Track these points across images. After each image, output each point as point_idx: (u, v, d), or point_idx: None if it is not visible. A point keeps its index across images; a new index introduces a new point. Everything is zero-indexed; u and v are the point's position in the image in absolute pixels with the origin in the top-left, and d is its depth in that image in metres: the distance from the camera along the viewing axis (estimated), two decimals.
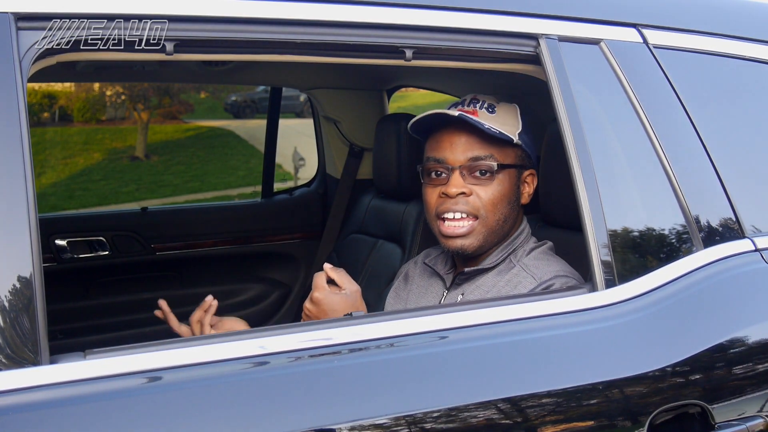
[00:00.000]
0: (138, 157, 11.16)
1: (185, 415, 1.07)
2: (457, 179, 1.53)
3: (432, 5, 1.35)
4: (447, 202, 1.53)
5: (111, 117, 12.35)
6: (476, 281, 1.58)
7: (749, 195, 1.54)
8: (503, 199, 1.55)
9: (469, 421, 1.18)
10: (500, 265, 1.58)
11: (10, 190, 1.03)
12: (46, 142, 10.90)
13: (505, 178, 1.55)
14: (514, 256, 1.58)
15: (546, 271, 1.53)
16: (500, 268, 1.58)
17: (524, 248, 1.60)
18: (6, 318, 1.02)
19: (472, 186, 1.53)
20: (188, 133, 12.29)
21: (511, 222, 1.59)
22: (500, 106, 1.59)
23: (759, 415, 1.37)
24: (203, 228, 3.09)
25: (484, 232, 1.54)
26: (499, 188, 1.54)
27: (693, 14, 1.65)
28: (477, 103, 1.58)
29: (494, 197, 1.53)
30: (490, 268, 1.57)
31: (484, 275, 1.58)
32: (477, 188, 1.53)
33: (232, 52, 1.30)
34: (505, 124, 1.56)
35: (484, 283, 1.57)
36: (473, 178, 1.53)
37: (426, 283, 1.70)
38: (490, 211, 1.53)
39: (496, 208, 1.54)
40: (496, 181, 1.54)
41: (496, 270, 1.58)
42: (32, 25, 1.10)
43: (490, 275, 1.58)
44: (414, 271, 1.77)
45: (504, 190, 1.55)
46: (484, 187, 1.53)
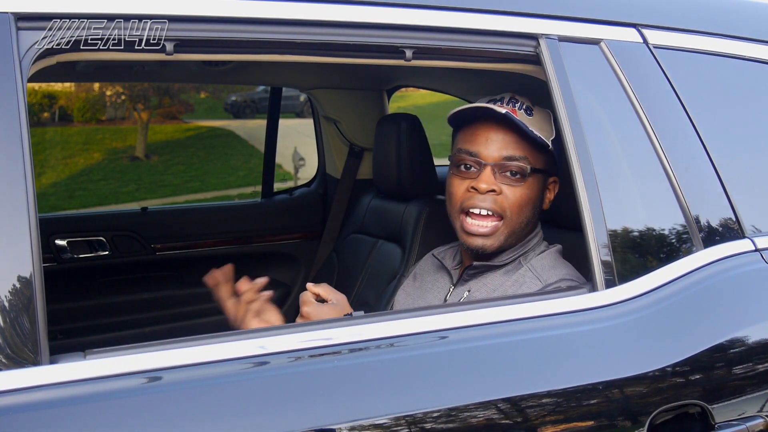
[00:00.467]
0: (138, 157, 11.16)
1: (185, 415, 1.07)
2: (489, 175, 1.51)
3: (432, 5, 1.35)
4: (475, 197, 1.51)
5: (111, 117, 12.35)
6: (483, 278, 1.58)
7: (749, 195, 1.54)
8: (529, 203, 1.54)
9: (469, 421, 1.18)
10: (509, 265, 1.58)
11: (10, 190, 1.03)
12: (46, 142, 10.90)
13: (534, 182, 1.54)
14: (524, 258, 1.58)
15: (552, 275, 1.52)
16: (508, 268, 1.57)
17: (535, 251, 1.59)
18: (6, 318, 1.02)
19: (501, 185, 1.51)
20: (188, 133, 12.29)
21: (532, 226, 1.58)
22: (536, 110, 1.58)
23: (759, 415, 1.37)
24: (203, 228, 3.09)
25: (506, 233, 1.53)
26: (527, 191, 1.53)
27: (693, 14, 1.65)
28: (516, 102, 1.56)
29: (521, 199, 1.52)
30: (499, 266, 1.57)
31: (492, 273, 1.58)
32: (506, 188, 1.51)
33: (232, 52, 1.30)
34: (541, 128, 1.55)
35: (490, 282, 1.56)
36: (504, 178, 1.52)
37: (433, 278, 1.70)
38: (515, 213, 1.52)
39: (521, 211, 1.53)
40: (526, 184, 1.52)
41: (504, 269, 1.57)
42: (32, 25, 1.10)
43: (497, 274, 1.57)
44: (422, 269, 1.77)
45: (531, 194, 1.54)
46: (513, 188, 1.52)
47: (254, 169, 9.76)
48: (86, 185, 9.85)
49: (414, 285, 1.75)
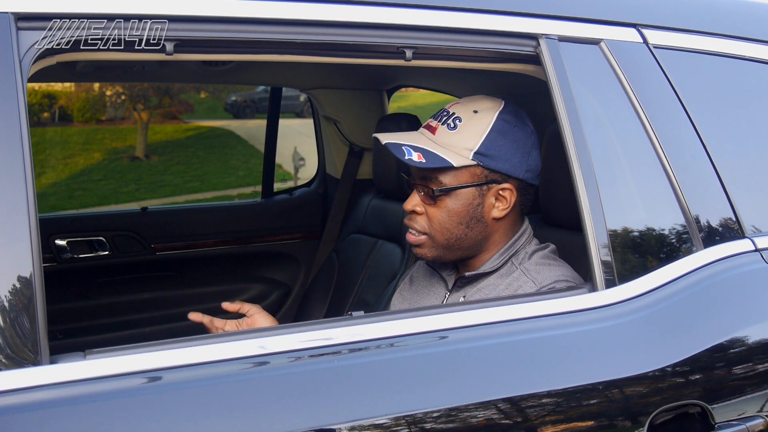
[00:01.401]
0: (138, 157, 11.16)
1: (185, 415, 1.07)
2: (414, 197, 1.54)
3: (432, 5, 1.35)
4: (407, 216, 1.57)
5: (111, 117, 12.35)
6: (477, 285, 1.56)
7: (749, 195, 1.54)
8: (452, 221, 1.50)
9: (469, 421, 1.18)
10: (501, 268, 1.56)
11: (10, 190, 1.03)
12: (46, 142, 10.90)
13: (455, 200, 1.50)
14: (515, 258, 1.56)
15: (547, 276, 1.50)
16: (502, 271, 1.56)
17: (526, 250, 1.57)
18: (6, 318, 1.02)
19: (425, 205, 1.52)
20: (188, 133, 12.29)
21: (472, 240, 1.53)
22: (469, 121, 1.50)
23: (759, 415, 1.37)
24: (203, 228, 3.09)
25: (435, 247, 1.54)
26: (447, 210, 1.50)
27: (693, 14, 1.65)
28: (444, 117, 1.53)
29: (442, 219, 1.50)
30: (492, 271, 1.56)
31: (486, 279, 1.56)
32: (428, 208, 1.52)
33: (232, 52, 1.30)
34: (459, 142, 1.49)
35: (485, 287, 1.55)
36: (426, 198, 1.52)
37: (428, 283, 1.69)
38: (437, 231, 1.52)
39: (444, 229, 1.51)
40: (444, 204, 1.50)
41: (497, 274, 1.56)
42: (32, 25, 1.10)
43: (491, 278, 1.56)
44: (418, 272, 1.76)
45: (453, 212, 1.50)
46: (433, 209, 1.51)
47: (254, 169, 9.77)
48: (86, 185, 9.86)
49: (410, 289, 1.74)
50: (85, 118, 11.82)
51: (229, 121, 13.10)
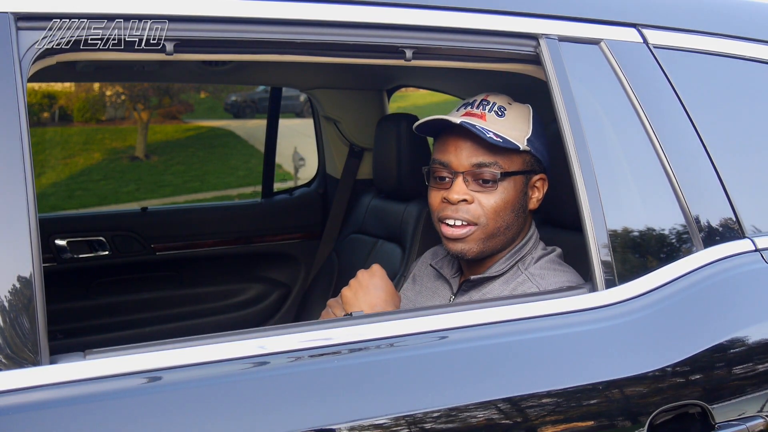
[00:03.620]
0: (138, 157, 11.16)
1: (185, 415, 1.07)
2: (460, 185, 1.49)
3: (432, 5, 1.35)
4: (448, 208, 1.50)
5: (111, 117, 12.35)
6: (483, 289, 1.55)
7: (749, 195, 1.54)
8: (506, 207, 1.50)
9: (469, 421, 1.18)
10: (507, 273, 1.55)
11: (10, 190, 1.03)
12: (46, 142, 10.90)
13: (510, 186, 1.50)
14: (522, 263, 1.55)
15: (551, 282, 1.50)
16: (507, 276, 1.55)
17: (532, 255, 1.56)
18: (6, 318, 1.02)
19: (474, 193, 1.49)
20: (188, 133, 12.29)
21: (516, 229, 1.54)
22: (512, 108, 1.54)
23: (759, 415, 1.37)
24: (203, 228, 3.09)
25: (483, 238, 1.50)
26: (503, 196, 1.50)
27: (693, 14, 1.65)
28: (487, 105, 1.53)
29: (497, 205, 1.49)
30: (497, 276, 1.55)
31: (491, 283, 1.55)
32: (480, 195, 1.49)
33: (232, 52, 1.30)
34: (513, 128, 1.51)
35: (490, 292, 1.54)
36: (476, 185, 1.49)
37: (433, 286, 1.68)
38: (491, 219, 1.49)
39: (498, 216, 1.50)
40: (500, 189, 1.49)
41: (503, 278, 1.55)
42: (32, 25, 1.10)
43: (497, 283, 1.54)
44: (421, 272, 1.74)
45: (508, 198, 1.50)
46: (487, 195, 1.49)
47: (254, 169, 9.77)
48: (86, 185, 9.86)
49: (414, 289, 1.73)
50: (85, 118, 11.82)
51: (229, 121, 13.09)
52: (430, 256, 1.76)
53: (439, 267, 1.66)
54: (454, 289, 1.61)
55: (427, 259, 1.76)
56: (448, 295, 1.62)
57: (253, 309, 3.07)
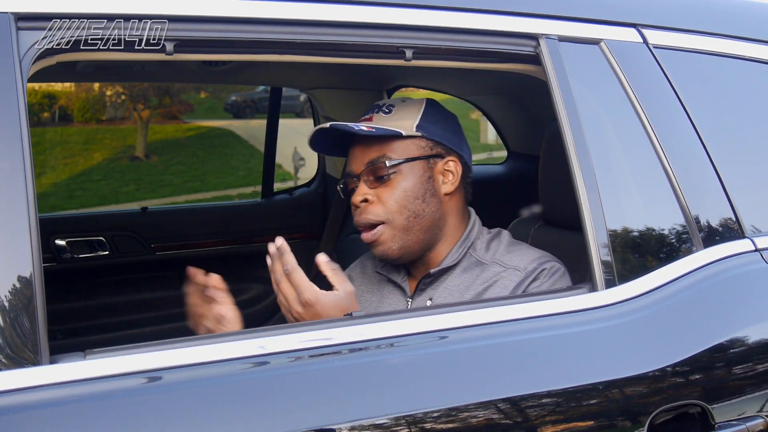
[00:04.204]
0: (138, 157, 11.16)
1: (185, 415, 1.07)
2: (361, 187, 1.51)
3: (432, 5, 1.35)
4: (355, 214, 1.53)
5: (111, 117, 12.35)
6: (442, 283, 1.54)
7: (749, 195, 1.54)
8: (408, 196, 1.50)
9: (469, 421, 1.18)
10: (462, 262, 1.54)
11: (10, 190, 1.03)
12: (46, 142, 10.90)
13: (408, 174, 1.51)
14: (473, 250, 1.55)
15: (526, 260, 1.50)
16: (464, 265, 1.54)
17: (481, 240, 1.57)
18: (6, 318, 1.02)
19: (375, 190, 1.50)
20: (188, 133, 12.29)
21: (432, 217, 1.52)
22: (402, 105, 1.55)
23: (759, 415, 1.37)
24: (203, 228, 3.09)
25: (396, 234, 1.50)
26: (402, 185, 1.50)
27: (693, 14, 1.65)
28: (376, 108, 1.56)
29: (398, 196, 1.49)
30: (453, 266, 1.54)
31: (449, 275, 1.54)
32: (380, 192, 1.50)
33: (232, 52, 1.30)
34: (400, 119, 1.53)
35: (452, 284, 1.53)
36: (375, 183, 1.50)
37: (378, 295, 1.63)
38: (395, 213, 1.49)
39: (403, 208, 1.49)
40: (396, 180, 1.50)
41: (460, 268, 1.54)
42: (32, 25, 1.10)
43: (455, 274, 1.54)
44: (360, 279, 1.69)
45: (408, 186, 1.50)
46: (386, 189, 1.50)
47: (254, 169, 9.76)
48: (86, 185, 9.86)
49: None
50: (85, 118, 11.82)
51: (229, 121, 13.09)
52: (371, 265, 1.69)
53: (387, 272, 1.62)
54: (408, 291, 1.58)
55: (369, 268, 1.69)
56: (402, 298, 1.59)
57: (253, 309, 3.07)
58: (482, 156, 10.85)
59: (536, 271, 1.49)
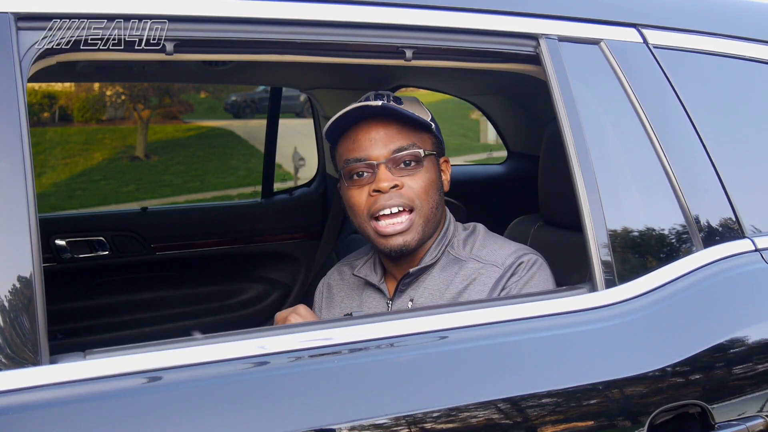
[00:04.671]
0: (138, 157, 11.16)
1: (185, 415, 1.07)
2: (385, 173, 1.47)
3: (432, 5, 1.35)
4: (380, 199, 1.47)
5: (111, 117, 12.35)
6: (422, 282, 1.53)
7: (749, 195, 1.54)
8: (432, 186, 1.51)
9: (469, 421, 1.18)
10: (441, 260, 1.54)
11: (10, 190, 1.03)
12: (46, 142, 10.90)
13: (430, 165, 1.52)
14: (451, 248, 1.55)
15: (503, 255, 1.51)
16: (442, 263, 1.54)
17: (458, 237, 1.57)
18: (6, 318, 1.02)
19: (401, 178, 1.48)
20: (188, 133, 12.29)
21: (442, 210, 1.55)
22: (404, 99, 1.56)
23: (759, 415, 1.37)
24: (203, 228, 3.09)
25: (422, 223, 1.49)
26: (428, 175, 1.50)
27: (693, 14, 1.65)
28: (382, 97, 1.53)
29: (426, 185, 1.49)
30: (432, 264, 1.53)
31: (428, 274, 1.54)
32: (407, 179, 1.48)
33: (232, 52, 1.30)
34: (416, 111, 1.52)
35: (431, 283, 1.52)
36: (400, 170, 1.48)
37: (357, 299, 1.62)
38: (424, 200, 1.49)
39: (428, 196, 1.49)
40: (424, 169, 1.50)
41: (438, 266, 1.54)
42: (32, 25, 1.10)
43: (434, 273, 1.53)
44: (339, 285, 1.68)
45: (432, 177, 1.51)
46: (414, 177, 1.48)
47: (254, 169, 9.76)
48: (86, 185, 9.86)
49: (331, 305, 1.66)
50: (85, 118, 11.82)
51: (229, 121, 13.09)
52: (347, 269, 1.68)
53: (364, 275, 1.60)
54: (387, 293, 1.57)
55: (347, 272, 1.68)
56: (382, 300, 1.57)
57: (253, 309, 3.07)
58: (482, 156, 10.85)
59: (514, 266, 1.49)
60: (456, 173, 1.72)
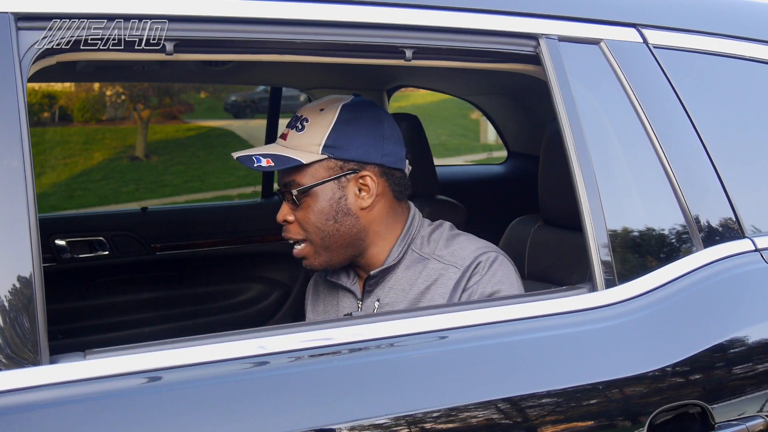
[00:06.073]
0: (138, 157, 11.16)
1: (185, 415, 1.07)
2: (282, 208, 1.54)
3: (432, 5, 1.35)
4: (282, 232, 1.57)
5: (111, 117, 12.35)
6: (387, 282, 1.53)
7: (749, 195, 1.54)
8: (320, 218, 1.49)
9: (469, 421, 1.18)
10: (404, 259, 1.54)
11: (10, 190, 1.03)
12: (46, 142, 10.90)
13: (317, 198, 1.49)
14: (414, 245, 1.54)
15: (463, 256, 1.49)
16: (406, 262, 1.53)
17: (421, 234, 1.55)
18: (6, 318, 1.02)
19: (293, 212, 1.53)
20: (188, 133, 12.28)
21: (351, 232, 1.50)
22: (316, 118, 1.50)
23: (759, 415, 1.38)
24: (203, 228, 3.09)
25: (317, 251, 1.51)
26: (313, 209, 1.49)
27: (693, 14, 1.65)
28: (294, 121, 1.54)
29: (311, 219, 1.50)
30: (395, 264, 1.53)
31: (393, 273, 1.53)
32: (297, 214, 1.52)
33: (232, 52, 1.30)
34: (309, 139, 1.49)
35: (396, 282, 1.52)
36: (291, 205, 1.53)
37: (335, 300, 1.64)
38: (312, 233, 1.50)
39: (317, 229, 1.50)
40: (305, 204, 1.50)
41: (403, 265, 1.53)
42: (32, 25, 1.10)
43: (399, 271, 1.53)
44: (319, 289, 1.71)
45: (319, 209, 1.49)
46: (301, 212, 1.51)
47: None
48: (86, 185, 9.85)
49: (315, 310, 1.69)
50: (85, 118, 11.81)
51: (229, 121, 13.08)
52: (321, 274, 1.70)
53: (336, 278, 1.62)
54: (358, 294, 1.57)
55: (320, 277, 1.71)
56: (354, 302, 1.58)
57: (253, 309, 3.07)
58: (482, 156, 10.85)
59: (472, 266, 1.47)
60: (456, 173, 1.73)
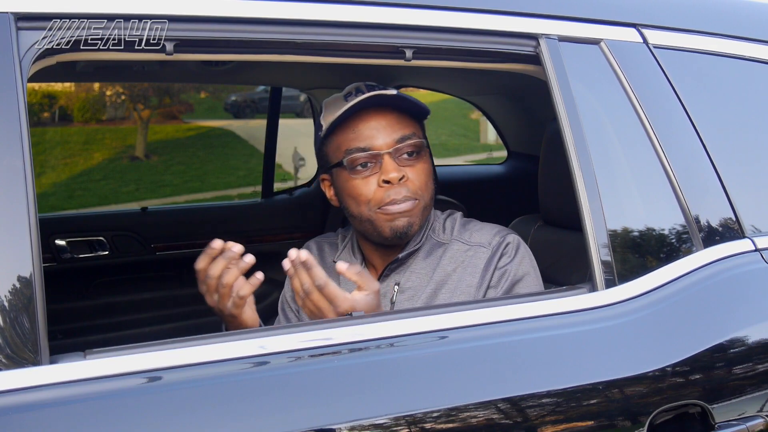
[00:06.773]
0: (138, 157, 11.16)
1: (185, 415, 1.07)
2: (391, 164, 1.45)
3: (432, 5, 1.35)
4: (391, 191, 1.45)
5: (111, 117, 12.35)
6: (408, 267, 1.54)
7: (749, 195, 1.54)
8: (430, 176, 1.50)
9: (469, 421, 1.18)
10: (425, 245, 1.55)
11: (10, 190, 1.03)
12: (46, 142, 10.90)
13: (426, 154, 1.51)
14: (432, 232, 1.56)
15: (488, 236, 1.52)
16: (426, 248, 1.55)
17: (438, 221, 1.58)
18: (6, 318, 1.02)
19: (404, 169, 1.46)
20: (188, 133, 12.28)
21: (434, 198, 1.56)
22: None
23: (759, 415, 1.37)
24: (203, 228, 3.09)
25: (424, 211, 1.50)
26: (427, 165, 1.50)
27: (693, 14, 1.65)
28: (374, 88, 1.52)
29: (426, 175, 1.48)
30: (417, 250, 1.54)
31: (414, 259, 1.54)
32: (409, 170, 1.46)
33: (232, 52, 1.30)
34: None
35: (417, 267, 1.53)
36: (403, 161, 1.46)
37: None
38: (425, 191, 1.49)
39: (428, 187, 1.49)
40: (423, 158, 1.49)
41: (423, 251, 1.54)
42: (32, 25, 1.10)
43: (419, 257, 1.54)
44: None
45: (430, 167, 1.51)
46: (415, 168, 1.47)
47: (254, 169, 9.75)
48: (86, 185, 9.85)
49: None
50: (85, 118, 11.81)
51: (229, 121, 13.08)
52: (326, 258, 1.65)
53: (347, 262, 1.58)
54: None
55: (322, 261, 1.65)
56: None
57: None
58: (482, 156, 10.85)
59: (501, 246, 1.51)
60: (456, 173, 1.73)
